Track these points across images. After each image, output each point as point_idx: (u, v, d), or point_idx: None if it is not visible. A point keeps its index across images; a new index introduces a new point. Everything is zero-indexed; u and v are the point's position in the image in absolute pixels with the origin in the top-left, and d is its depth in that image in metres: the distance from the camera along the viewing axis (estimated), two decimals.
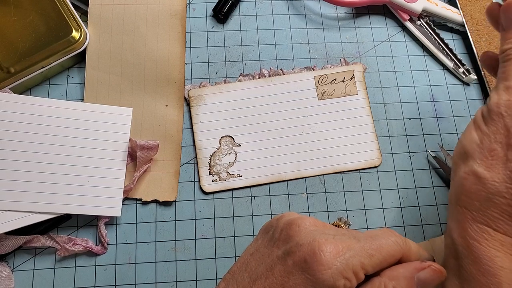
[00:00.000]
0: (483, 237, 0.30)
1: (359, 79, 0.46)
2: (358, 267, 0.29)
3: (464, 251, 0.31)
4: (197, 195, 0.43)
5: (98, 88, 0.44)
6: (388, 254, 0.31)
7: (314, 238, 0.30)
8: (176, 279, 0.40)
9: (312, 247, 0.30)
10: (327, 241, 0.30)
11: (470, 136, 0.33)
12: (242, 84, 0.46)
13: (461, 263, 0.31)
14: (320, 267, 0.29)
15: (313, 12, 0.49)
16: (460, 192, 0.32)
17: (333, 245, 0.30)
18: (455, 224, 0.32)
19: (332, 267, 0.29)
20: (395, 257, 0.31)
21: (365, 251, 0.30)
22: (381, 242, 0.31)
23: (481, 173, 0.31)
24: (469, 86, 0.48)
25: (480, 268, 0.30)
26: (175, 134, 0.44)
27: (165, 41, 0.46)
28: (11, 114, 0.41)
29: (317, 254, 0.29)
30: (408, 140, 0.45)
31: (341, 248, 0.30)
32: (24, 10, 0.44)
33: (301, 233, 0.31)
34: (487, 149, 0.32)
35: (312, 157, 0.44)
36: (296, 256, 0.30)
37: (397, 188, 0.44)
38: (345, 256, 0.29)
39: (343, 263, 0.29)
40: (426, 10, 0.48)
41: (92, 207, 0.40)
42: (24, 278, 0.40)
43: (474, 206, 0.31)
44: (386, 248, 0.31)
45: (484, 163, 0.31)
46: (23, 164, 0.40)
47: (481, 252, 0.30)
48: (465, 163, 0.32)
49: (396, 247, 0.31)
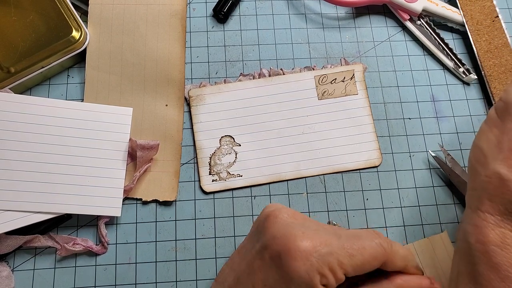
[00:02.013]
0: (505, 242, 0.29)
1: (359, 79, 0.46)
2: (335, 265, 0.28)
3: (482, 257, 0.29)
4: (197, 195, 0.43)
5: (98, 88, 0.44)
6: (370, 257, 0.29)
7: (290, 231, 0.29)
8: (176, 279, 0.40)
9: (286, 241, 0.28)
10: (303, 234, 0.28)
11: (486, 137, 0.32)
12: (242, 84, 0.46)
13: (478, 268, 0.30)
14: (294, 263, 0.28)
15: (313, 12, 0.49)
16: (482, 196, 0.30)
17: (309, 239, 0.28)
18: (473, 229, 0.30)
19: (307, 263, 0.28)
20: (379, 260, 0.30)
21: (345, 250, 0.29)
22: (364, 243, 0.30)
23: (505, 174, 0.29)
24: (469, 86, 0.48)
25: (500, 274, 0.28)
26: (175, 134, 0.44)
27: (165, 41, 0.46)
28: (11, 114, 0.41)
29: (291, 249, 0.28)
30: (408, 140, 0.45)
31: (319, 243, 0.28)
32: (24, 10, 0.44)
33: (277, 225, 0.30)
34: (508, 149, 0.30)
35: (312, 156, 0.44)
36: (271, 250, 0.29)
37: (397, 188, 0.44)
38: (322, 252, 0.28)
39: (319, 259, 0.28)
40: (426, 10, 0.48)
41: (92, 207, 0.40)
42: (24, 278, 0.40)
43: (498, 210, 0.30)
44: (369, 250, 0.29)
45: (506, 163, 0.30)
46: (23, 164, 0.40)
47: (502, 258, 0.29)
48: (485, 166, 0.31)
49: (380, 249, 0.30)
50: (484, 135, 0.32)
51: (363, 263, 0.29)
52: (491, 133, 0.32)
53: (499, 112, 0.32)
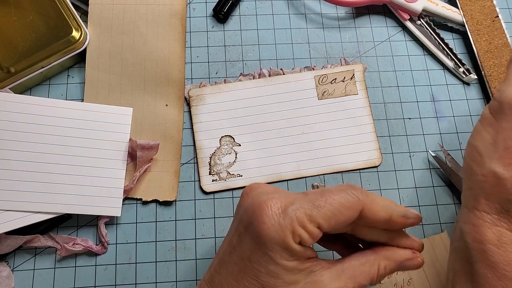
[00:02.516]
0: (502, 241, 0.29)
1: (359, 79, 0.46)
2: (304, 219, 0.28)
3: (479, 256, 0.29)
4: (197, 195, 0.43)
5: (98, 88, 0.44)
6: (341, 206, 0.29)
7: (258, 199, 0.29)
8: (176, 279, 0.40)
9: (255, 209, 0.29)
10: (268, 199, 0.29)
11: (481, 136, 0.32)
12: (242, 84, 0.46)
13: (474, 267, 0.30)
14: (263, 226, 0.28)
15: (313, 12, 0.49)
16: (479, 195, 0.30)
17: (274, 202, 0.28)
18: (470, 228, 0.30)
19: (275, 224, 0.28)
20: (353, 209, 0.29)
21: (311, 202, 0.28)
22: (333, 194, 0.29)
23: (501, 173, 0.30)
24: (469, 86, 0.48)
25: (497, 273, 0.29)
26: (175, 134, 0.44)
27: (165, 41, 0.46)
28: (11, 114, 0.41)
29: (259, 215, 0.28)
30: (408, 140, 0.45)
31: (285, 204, 0.28)
32: (24, 10, 0.44)
33: (249, 199, 0.30)
34: (503, 148, 0.30)
35: (312, 156, 0.44)
36: (244, 222, 0.29)
37: (397, 188, 0.44)
38: (288, 210, 0.28)
39: (286, 217, 0.28)
40: (426, 9, 0.48)
41: (92, 207, 0.40)
42: (24, 278, 0.40)
43: (494, 209, 0.30)
44: (338, 200, 0.29)
45: (501, 162, 0.30)
46: (23, 164, 0.40)
47: (499, 257, 0.29)
48: (481, 165, 0.31)
49: (352, 198, 0.29)
50: (479, 135, 0.32)
51: (334, 213, 0.28)
52: (486, 132, 0.32)
53: (493, 111, 0.32)
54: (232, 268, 0.29)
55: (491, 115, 0.32)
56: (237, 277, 0.29)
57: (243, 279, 0.28)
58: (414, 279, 0.41)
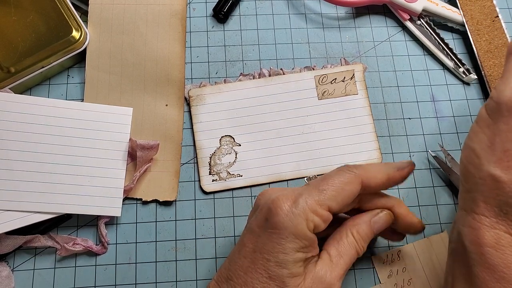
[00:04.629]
0: (500, 243, 0.29)
1: (359, 79, 0.46)
2: (314, 205, 0.31)
3: (477, 258, 0.29)
4: (197, 195, 0.43)
5: (98, 88, 0.44)
6: (342, 183, 0.32)
7: (270, 198, 0.32)
8: (176, 279, 0.40)
9: (268, 205, 0.31)
10: (279, 196, 0.32)
11: (478, 137, 0.31)
12: (242, 84, 0.46)
13: (473, 270, 0.30)
14: (278, 218, 0.30)
15: (313, 12, 0.49)
16: (477, 198, 0.30)
17: (285, 197, 0.31)
18: (468, 231, 0.30)
19: (289, 214, 0.30)
20: (354, 183, 0.32)
21: (315, 189, 0.32)
22: (332, 176, 0.32)
23: (499, 176, 0.29)
24: (469, 86, 0.48)
25: (495, 275, 0.29)
26: (175, 134, 0.44)
27: (165, 41, 0.46)
28: (11, 114, 0.41)
29: (273, 209, 0.31)
30: (408, 140, 0.45)
31: (294, 196, 0.31)
32: (24, 10, 0.44)
33: (261, 200, 0.33)
34: (501, 150, 0.30)
35: (312, 156, 0.44)
36: (259, 220, 0.32)
37: (397, 188, 0.44)
38: (299, 201, 0.31)
39: (298, 207, 0.31)
40: (426, 9, 0.48)
41: (92, 207, 0.40)
42: (24, 278, 0.40)
43: (493, 212, 0.30)
44: (338, 179, 0.32)
45: (499, 165, 0.30)
46: (23, 164, 0.40)
47: (497, 259, 0.29)
48: (478, 167, 0.31)
49: (349, 174, 0.32)
50: (476, 136, 0.32)
51: (338, 192, 0.32)
52: (482, 133, 0.31)
53: (490, 112, 0.31)
54: (242, 262, 0.32)
55: (488, 116, 0.31)
56: (247, 269, 0.31)
57: (252, 270, 0.31)
58: (414, 279, 0.41)
